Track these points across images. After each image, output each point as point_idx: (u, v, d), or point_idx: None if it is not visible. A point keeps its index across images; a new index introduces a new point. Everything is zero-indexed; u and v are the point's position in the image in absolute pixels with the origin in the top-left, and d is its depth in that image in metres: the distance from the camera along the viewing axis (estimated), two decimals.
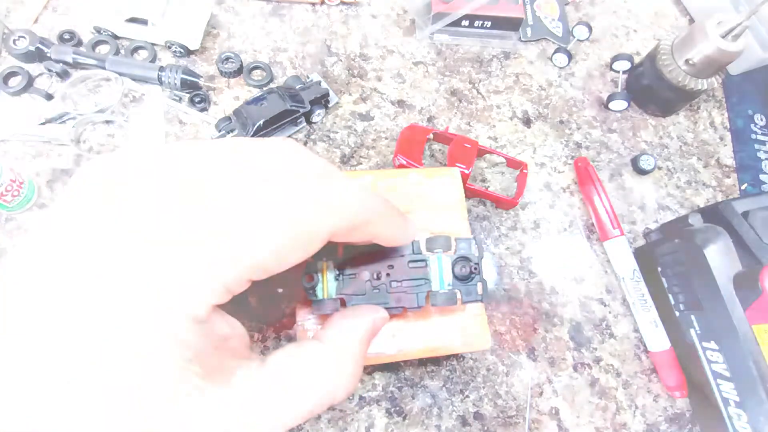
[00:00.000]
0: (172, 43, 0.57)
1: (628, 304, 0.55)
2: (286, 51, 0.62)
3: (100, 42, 0.58)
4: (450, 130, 0.60)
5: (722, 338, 0.46)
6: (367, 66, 0.63)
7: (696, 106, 0.68)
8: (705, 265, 0.45)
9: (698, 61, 0.56)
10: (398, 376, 0.49)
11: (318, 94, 0.56)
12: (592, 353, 0.53)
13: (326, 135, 0.58)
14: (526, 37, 0.67)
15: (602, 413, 0.51)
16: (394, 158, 0.56)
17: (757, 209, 0.45)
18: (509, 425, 0.49)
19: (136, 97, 0.57)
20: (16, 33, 0.54)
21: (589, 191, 0.58)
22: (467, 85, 0.64)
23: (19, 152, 0.52)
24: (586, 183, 0.58)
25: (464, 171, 0.53)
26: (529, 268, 0.56)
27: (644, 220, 0.60)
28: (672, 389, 0.52)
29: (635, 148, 0.64)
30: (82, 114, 0.53)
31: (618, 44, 0.70)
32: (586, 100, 0.65)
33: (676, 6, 0.74)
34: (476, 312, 0.47)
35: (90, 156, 0.52)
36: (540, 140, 0.62)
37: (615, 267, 0.56)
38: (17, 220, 0.50)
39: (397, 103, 0.61)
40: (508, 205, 0.56)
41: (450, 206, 0.51)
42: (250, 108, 0.53)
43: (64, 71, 0.55)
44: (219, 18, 0.62)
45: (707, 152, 0.65)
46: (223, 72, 0.58)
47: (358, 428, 0.47)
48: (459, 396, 0.50)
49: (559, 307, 0.54)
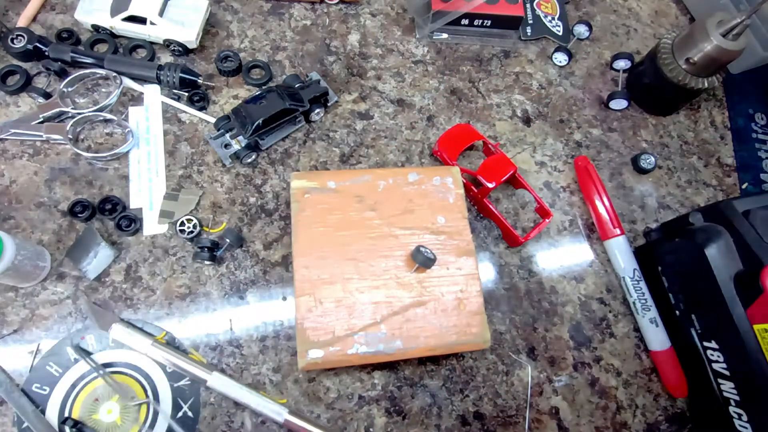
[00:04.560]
0: (171, 41, 0.57)
1: (628, 304, 0.55)
2: (285, 50, 0.62)
3: (99, 40, 0.57)
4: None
5: (723, 337, 0.45)
6: (366, 65, 0.62)
7: (696, 105, 0.68)
8: (705, 264, 0.45)
9: (699, 60, 0.56)
10: (398, 376, 0.49)
11: (317, 92, 0.56)
12: (592, 353, 0.53)
13: (325, 134, 0.58)
14: (526, 35, 0.67)
15: (602, 412, 0.51)
16: (435, 146, 0.58)
17: (757, 208, 0.45)
18: (509, 425, 0.49)
19: (135, 95, 0.56)
20: (15, 31, 0.54)
21: (590, 190, 0.57)
22: (467, 84, 0.63)
23: (17, 151, 0.52)
24: (587, 182, 0.58)
25: (487, 186, 0.53)
26: (529, 267, 0.55)
27: (644, 219, 0.60)
28: (672, 389, 0.52)
29: (635, 147, 0.63)
30: (81, 113, 0.53)
31: (618, 43, 0.70)
32: (586, 99, 0.65)
33: (677, 5, 0.74)
34: (476, 311, 0.47)
35: (89, 155, 0.52)
36: (540, 139, 0.62)
37: (615, 266, 0.56)
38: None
39: (397, 102, 0.61)
40: (514, 241, 0.55)
41: (450, 206, 0.51)
42: (249, 107, 0.53)
43: (62, 70, 0.55)
44: (218, 16, 0.62)
45: (708, 151, 0.65)
46: (222, 71, 0.58)
47: (357, 428, 0.47)
48: (459, 395, 0.49)
49: (559, 307, 0.54)
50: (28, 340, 0.46)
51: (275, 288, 0.51)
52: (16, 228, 0.49)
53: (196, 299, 0.49)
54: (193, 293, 0.49)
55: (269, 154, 0.56)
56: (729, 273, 0.44)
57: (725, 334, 0.45)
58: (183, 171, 0.54)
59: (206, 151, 0.55)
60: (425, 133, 0.60)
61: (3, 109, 0.54)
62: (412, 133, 0.60)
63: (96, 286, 0.48)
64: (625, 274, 0.54)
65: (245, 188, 0.54)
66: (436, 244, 0.48)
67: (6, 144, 0.52)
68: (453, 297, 0.47)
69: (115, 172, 0.53)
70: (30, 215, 0.50)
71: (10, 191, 0.51)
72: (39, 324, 0.47)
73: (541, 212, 0.57)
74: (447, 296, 0.47)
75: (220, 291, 0.50)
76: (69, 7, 0.59)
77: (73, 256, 0.48)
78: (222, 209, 0.53)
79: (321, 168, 0.56)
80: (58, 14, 0.59)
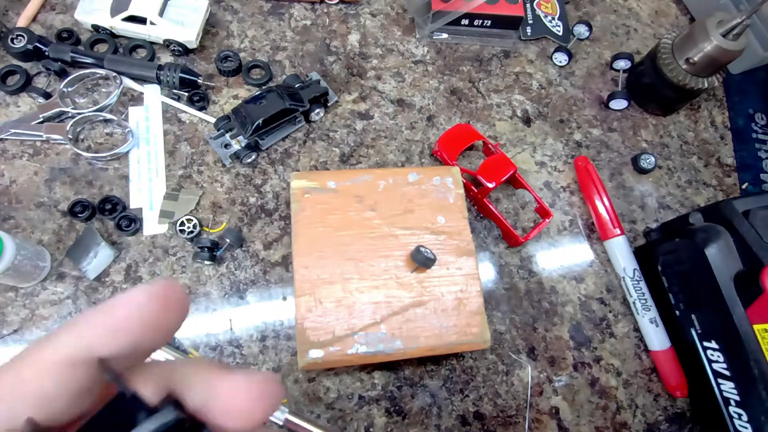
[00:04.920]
0: (171, 41, 0.57)
1: (628, 304, 0.55)
2: (285, 50, 0.62)
3: (99, 40, 0.57)
4: None
5: (723, 337, 0.45)
6: (366, 65, 0.62)
7: (696, 105, 0.68)
8: (705, 264, 0.45)
9: (699, 60, 0.56)
10: (398, 376, 0.49)
11: (317, 92, 0.56)
12: (592, 353, 0.53)
13: (325, 134, 0.58)
14: (525, 35, 0.67)
15: (602, 412, 0.51)
16: (435, 146, 0.58)
17: (757, 208, 0.45)
18: (509, 425, 0.49)
19: (135, 95, 0.56)
20: (15, 31, 0.54)
21: (590, 190, 0.57)
22: (467, 84, 0.63)
23: (17, 151, 0.52)
24: (587, 182, 0.58)
25: (487, 186, 0.53)
26: (529, 267, 0.55)
27: (644, 219, 0.60)
28: (672, 388, 0.52)
29: (635, 147, 0.63)
30: (81, 112, 0.53)
31: (618, 43, 0.70)
32: (586, 99, 0.65)
33: (677, 5, 0.74)
34: (476, 311, 0.47)
35: (88, 155, 0.52)
36: (540, 139, 0.62)
37: (615, 266, 0.56)
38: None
39: (397, 102, 0.61)
40: (514, 241, 0.55)
41: (450, 206, 0.51)
42: (249, 107, 0.53)
43: (62, 70, 0.55)
44: (218, 16, 0.62)
45: (708, 151, 0.65)
46: (221, 71, 0.58)
47: (357, 427, 0.47)
48: (459, 395, 0.49)
49: (559, 307, 0.54)
50: (28, 340, 0.46)
51: (275, 288, 0.51)
52: (16, 228, 0.49)
53: (196, 299, 0.49)
54: (193, 293, 0.49)
55: (269, 154, 0.56)
56: (729, 273, 0.44)
57: (725, 334, 0.45)
58: (183, 171, 0.54)
59: (206, 151, 0.55)
60: (425, 133, 0.60)
61: (3, 109, 0.54)
62: (412, 133, 0.60)
63: (96, 286, 0.48)
64: (625, 274, 0.54)
65: (245, 188, 0.54)
66: (436, 244, 0.48)
67: (6, 144, 0.52)
68: (453, 297, 0.47)
69: (115, 172, 0.53)
70: (30, 215, 0.50)
71: (10, 191, 0.51)
72: (39, 324, 0.47)
73: (541, 212, 0.57)
74: (447, 296, 0.47)
75: (220, 291, 0.50)
76: (69, 7, 0.59)
77: (73, 256, 0.48)
78: (222, 209, 0.53)
79: (321, 168, 0.56)
80: (58, 14, 0.59)
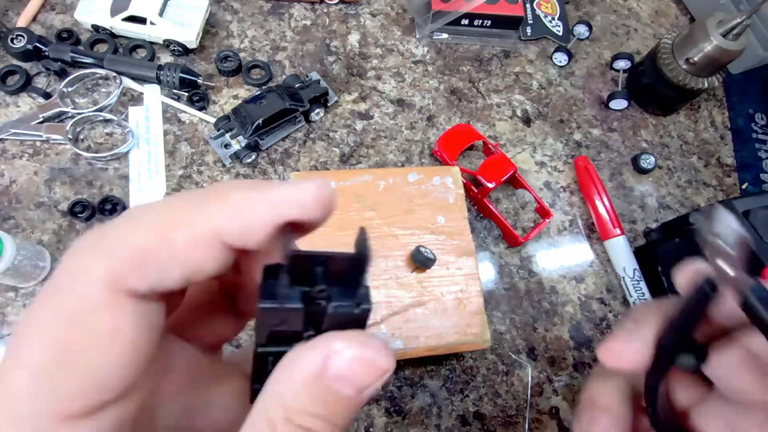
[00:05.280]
0: (171, 41, 0.57)
1: (628, 304, 0.55)
2: (285, 50, 0.62)
3: (99, 40, 0.57)
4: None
5: None
6: (366, 65, 0.62)
7: (696, 105, 0.68)
8: None
9: (699, 60, 0.56)
10: (398, 376, 0.49)
11: (317, 92, 0.56)
12: (592, 353, 0.53)
13: (325, 134, 0.58)
14: (525, 35, 0.67)
15: None
16: (435, 146, 0.58)
17: (757, 208, 0.45)
18: (509, 425, 0.49)
19: (135, 95, 0.56)
20: (14, 31, 0.54)
21: (590, 190, 0.57)
22: (467, 84, 0.63)
23: (17, 151, 0.52)
24: (587, 182, 0.58)
25: (487, 186, 0.53)
26: (529, 267, 0.55)
27: (644, 219, 0.60)
28: None
29: (635, 147, 0.63)
30: (81, 112, 0.53)
31: (618, 43, 0.70)
32: (586, 99, 0.65)
33: (677, 5, 0.74)
34: (476, 311, 0.47)
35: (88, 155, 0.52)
36: (540, 139, 0.62)
37: (615, 266, 0.56)
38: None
39: (397, 102, 0.61)
40: (514, 241, 0.55)
41: (450, 206, 0.51)
42: (249, 107, 0.53)
43: (62, 70, 0.55)
44: (218, 16, 0.62)
45: (708, 151, 0.65)
46: (221, 71, 0.58)
47: (357, 427, 0.47)
48: (459, 395, 0.49)
49: (559, 307, 0.54)
50: None
51: None
52: (16, 228, 0.49)
53: None
54: None
55: (269, 154, 0.56)
56: None
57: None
58: (183, 171, 0.54)
59: (206, 151, 0.55)
60: (425, 133, 0.60)
61: (3, 109, 0.54)
62: (412, 133, 0.60)
63: None
64: (625, 274, 0.54)
65: None
66: (436, 244, 0.48)
67: (6, 144, 0.52)
68: (453, 297, 0.47)
69: (115, 172, 0.53)
70: (30, 215, 0.50)
71: (10, 191, 0.51)
72: None
73: (541, 212, 0.57)
74: (447, 296, 0.46)
75: None
76: (69, 7, 0.59)
77: None
78: None
79: (321, 168, 0.56)
80: (58, 14, 0.59)
